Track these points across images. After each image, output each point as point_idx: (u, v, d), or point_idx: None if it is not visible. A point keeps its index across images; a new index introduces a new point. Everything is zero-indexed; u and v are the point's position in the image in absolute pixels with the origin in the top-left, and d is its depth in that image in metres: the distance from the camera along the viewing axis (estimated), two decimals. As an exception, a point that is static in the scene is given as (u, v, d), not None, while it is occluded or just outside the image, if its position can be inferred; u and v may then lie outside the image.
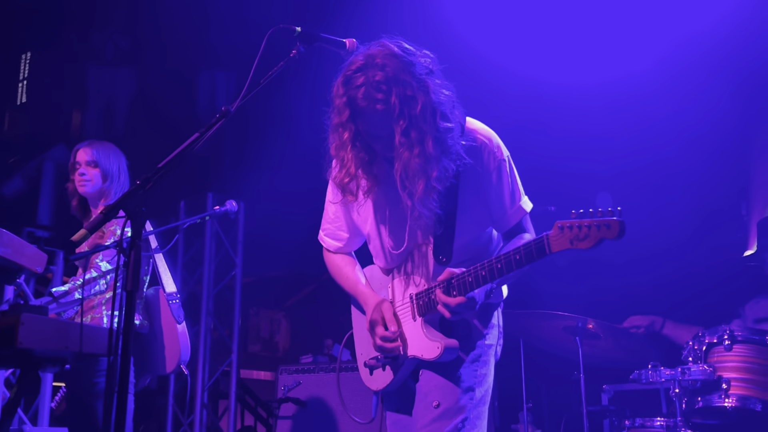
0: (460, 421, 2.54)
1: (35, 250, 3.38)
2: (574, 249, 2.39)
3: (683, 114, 5.15)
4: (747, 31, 5.03)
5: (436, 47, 2.67)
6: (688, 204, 4.93)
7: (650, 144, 5.12)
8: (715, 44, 5.10)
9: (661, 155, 5.07)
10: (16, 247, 3.29)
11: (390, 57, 2.49)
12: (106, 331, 3.29)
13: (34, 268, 3.40)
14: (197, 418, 5.38)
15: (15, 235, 3.32)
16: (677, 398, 3.49)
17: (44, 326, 3.12)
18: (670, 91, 5.19)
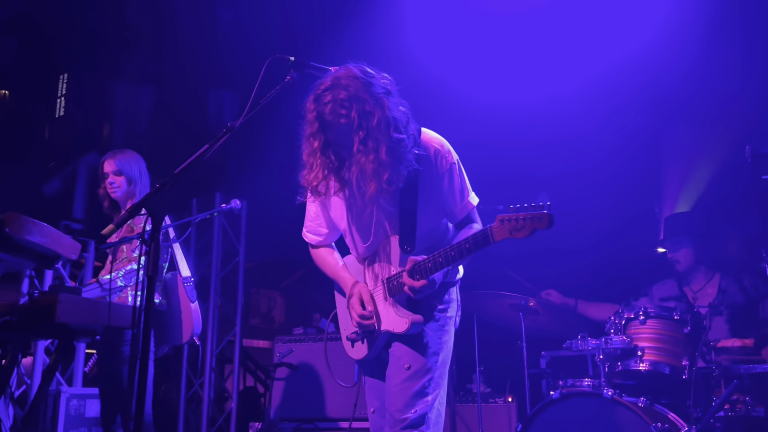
0: (427, 380, 2.56)
1: (71, 240, 3.36)
2: (512, 238, 2.42)
3: (607, 128, 5.17)
4: (659, 61, 5.06)
5: (397, 71, 2.68)
6: (611, 203, 4.95)
7: (580, 153, 5.13)
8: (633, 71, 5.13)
9: (588, 162, 5.08)
10: (54, 237, 3.26)
11: (353, 79, 2.50)
12: (130, 308, 3.29)
13: (70, 255, 3.38)
14: (207, 380, 5.37)
15: (53, 228, 3.29)
16: (601, 363, 3.52)
17: (78, 304, 3.11)
18: (597, 109, 5.20)
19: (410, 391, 2.54)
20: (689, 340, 3.54)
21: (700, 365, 3.51)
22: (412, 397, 2.54)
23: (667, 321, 3.55)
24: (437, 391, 2.58)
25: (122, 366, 3.44)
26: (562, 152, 5.10)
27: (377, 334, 2.67)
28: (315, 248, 2.91)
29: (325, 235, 2.87)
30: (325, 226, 2.85)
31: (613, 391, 3.21)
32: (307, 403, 4.76)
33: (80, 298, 3.15)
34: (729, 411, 3.34)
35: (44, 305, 3.06)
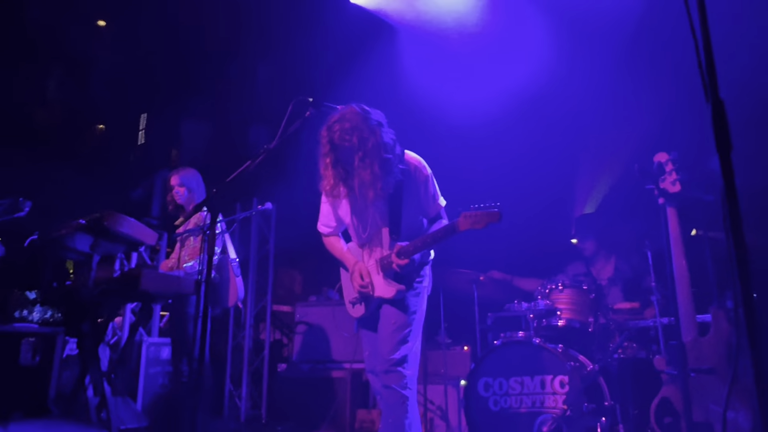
0: (408, 332, 2.60)
1: (150, 231, 3.36)
2: (473, 229, 2.45)
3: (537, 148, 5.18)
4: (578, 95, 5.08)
5: (386, 106, 2.72)
6: (539, 206, 4.95)
7: (518, 167, 5.10)
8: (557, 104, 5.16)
9: (523, 175, 5.06)
10: (138, 229, 3.27)
11: (354, 114, 2.55)
12: (193, 280, 3.29)
13: (149, 242, 3.40)
14: (247, 334, 5.36)
15: (138, 222, 3.30)
16: (531, 320, 3.56)
17: (156, 277, 3.14)
18: (531, 131, 5.22)
19: (396, 339, 2.58)
20: (593, 303, 3.60)
21: (601, 321, 3.56)
22: (397, 343, 2.57)
23: (578, 290, 3.61)
24: (415, 340, 2.63)
25: (187, 323, 3.44)
26: (506, 166, 5.07)
27: (372, 299, 2.69)
28: (326, 237, 2.92)
29: (334, 227, 2.89)
30: (334, 220, 2.87)
31: (539, 339, 3.25)
32: (319, 350, 4.77)
33: (157, 272, 3.17)
34: (621, 354, 3.37)
35: (131, 278, 3.09)
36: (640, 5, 4.57)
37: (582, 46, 5.07)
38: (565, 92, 5.09)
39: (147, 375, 4.32)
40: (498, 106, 5.25)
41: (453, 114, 5.20)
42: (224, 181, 2.42)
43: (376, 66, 5.87)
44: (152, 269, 3.24)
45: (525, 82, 5.21)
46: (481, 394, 3.24)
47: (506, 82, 5.32)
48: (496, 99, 5.27)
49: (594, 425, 2.94)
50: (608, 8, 4.77)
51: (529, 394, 3.12)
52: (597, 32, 4.94)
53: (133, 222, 3.27)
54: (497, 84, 5.35)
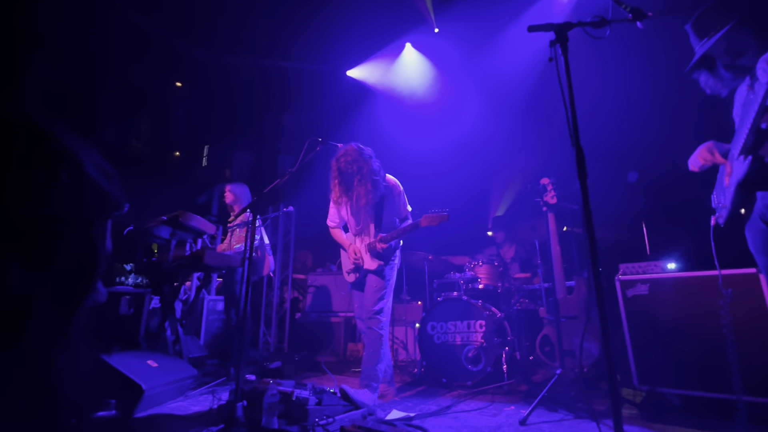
0: (384, 292, 2.61)
1: (210, 224, 3.30)
2: (430, 226, 2.47)
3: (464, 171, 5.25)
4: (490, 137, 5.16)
5: (370, 144, 2.72)
6: (469, 209, 5.00)
7: (455, 183, 5.14)
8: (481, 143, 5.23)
9: (459, 188, 5.09)
10: (202, 223, 3.20)
11: (353, 150, 2.55)
12: (240, 257, 3.24)
13: (210, 232, 3.32)
14: (275, 294, 5.28)
15: (202, 218, 3.23)
16: (461, 285, 3.56)
17: (214, 255, 3.07)
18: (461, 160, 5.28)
19: (376, 297, 2.59)
20: (501, 274, 3.61)
21: (506, 285, 3.59)
22: (377, 299, 2.58)
23: (491, 265, 3.62)
24: (388, 298, 2.63)
25: (235, 285, 3.40)
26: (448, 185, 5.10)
27: (362, 269, 2.69)
28: (332, 228, 2.92)
29: (337, 222, 2.89)
30: (338, 218, 2.87)
31: (467, 297, 3.24)
32: (324, 303, 4.75)
33: (215, 252, 3.09)
34: (518, 306, 3.38)
35: (197, 256, 3.02)
36: (532, 81, 4.67)
37: (496, 107, 5.16)
38: (486, 137, 5.17)
39: (207, 321, 4.23)
40: (444, 146, 5.31)
41: (415, 151, 5.22)
42: (262, 192, 2.40)
43: (363, 117, 5.88)
44: (212, 250, 3.16)
45: (461, 132, 5.28)
46: (429, 333, 3.23)
47: (449, 131, 5.39)
48: (443, 142, 5.34)
49: (501, 352, 2.95)
50: (513, 82, 4.88)
51: (460, 332, 3.12)
52: (506, 98, 5.03)
53: (198, 218, 3.20)
54: (443, 133, 5.42)
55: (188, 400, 2.56)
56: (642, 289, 2.37)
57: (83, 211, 0.51)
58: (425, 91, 5.75)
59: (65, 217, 0.47)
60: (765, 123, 1.40)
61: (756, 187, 1.45)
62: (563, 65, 1.33)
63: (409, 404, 2.50)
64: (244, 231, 3.46)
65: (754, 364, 1.93)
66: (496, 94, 5.13)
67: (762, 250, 1.49)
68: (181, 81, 7.63)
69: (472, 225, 4.92)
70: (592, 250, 1.26)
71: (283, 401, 1.99)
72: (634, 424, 2.01)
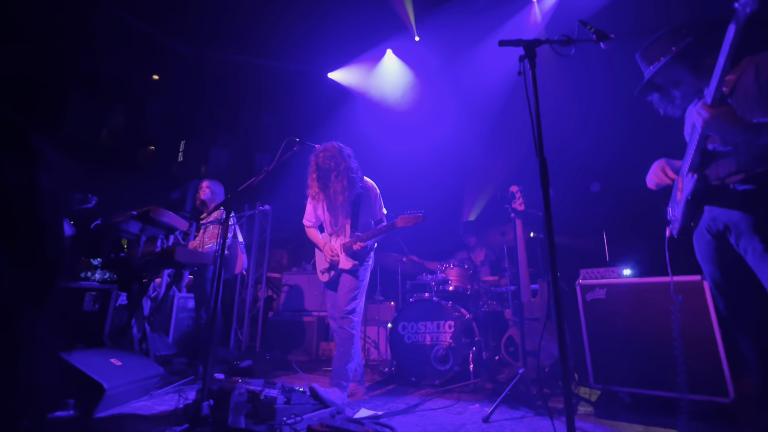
0: (357, 292, 2.59)
1: (183, 220, 3.19)
2: (405, 226, 2.48)
3: (440, 177, 5.30)
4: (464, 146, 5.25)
5: (353, 145, 2.71)
6: (443, 213, 5.04)
7: (430, 188, 5.19)
8: (457, 151, 5.30)
9: (433, 193, 5.14)
10: (174, 219, 3.09)
11: (333, 147, 2.53)
12: (211, 254, 3.15)
13: (182, 228, 3.21)
14: (249, 292, 5.15)
15: (174, 214, 3.12)
16: (433, 287, 3.59)
17: (185, 251, 2.96)
18: (435, 166, 5.33)
19: (349, 297, 2.56)
20: (471, 276, 3.63)
21: (475, 287, 3.61)
22: (350, 299, 2.56)
23: (461, 268, 3.64)
24: (361, 298, 2.62)
25: (206, 283, 3.30)
26: (423, 190, 5.14)
27: (336, 270, 2.66)
28: (308, 228, 2.88)
29: (313, 222, 2.85)
30: (314, 217, 2.83)
31: (437, 298, 3.25)
32: (298, 302, 4.67)
33: (187, 248, 2.99)
34: (486, 308, 3.42)
35: (168, 252, 2.90)
36: (506, 93, 4.79)
37: (472, 116, 5.25)
38: (461, 145, 5.25)
39: (177, 319, 4.09)
40: (420, 152, 5.36)
41: (392, 155, 5.24)
42: (236, 190, 2.34)
43: (342, 120, 5.85)
44: (183, 247, 3.06)
45: (437, 138, 5.34)
46: (400, 333, 3.23)
47: (426, 138, 5.44)
48: (419, 148, 5.39)
49: (468, 352, 2.98)
50: (488, 92, 4.98)
51: (430, 332, 3.12)
52: (481, 108, 5.12)
53: (171, 214, 3.09)
54: (420, 139, 5.47)
55: (153, 400, 2.46)
56: (600, 294, 2.46)
57: (57, 211, 0.50)
58: (404, 97, 5.79)
59: (44, 218, 0.47)
60: (711, 144, 1.49)
61: (703, 201, 1.53)
62: (531, 79, 1.37)
63: (378, 403, 2.49)
64: (217, 228, 3.36)
65: (697, 364, 2.04)
66: (472, 103, 5.22)
67: (707, 259, 1.58)
68: (158, 74, 7.36)
69: (445, 229, 4.97)
70: (551, 255, 1.30)
71: (250, 400, 1.94)
72: (587, 421, 2.08)
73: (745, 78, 1.40)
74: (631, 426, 1.98)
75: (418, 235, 4.58)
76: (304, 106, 6.23)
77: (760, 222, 1.34)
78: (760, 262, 1.33)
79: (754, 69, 1.38)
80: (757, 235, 1.33)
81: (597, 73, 4.12)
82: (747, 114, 1.35)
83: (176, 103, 7.29)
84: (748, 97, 1.38)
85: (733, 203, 1.41)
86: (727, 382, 1.97)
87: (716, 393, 1.99)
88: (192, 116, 7.34)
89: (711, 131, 1.35)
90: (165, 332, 3.97)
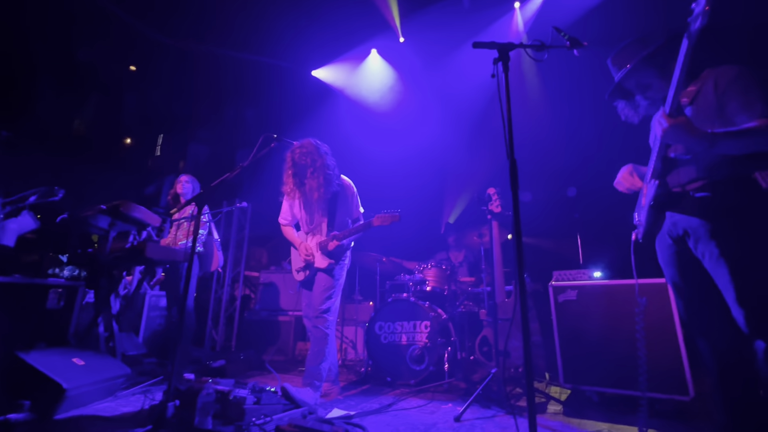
0: (332, 291, 2.57)
1: (156, 216, 3.10)
2: (382, 225, 2.47)
3: (422, 180, 5.32)
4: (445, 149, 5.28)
5: (335, 144, 2.69)
6: (423, 215, 5.07)
7: (410, 190, 5.20)
8: (437, 154, 5.32)
9: (413, 195, 5.16)
10: (146, 214, 3.00)
11: (310, 144, 2.51)
12: (183, 251, 3.07)
13: (155, 224, 3.12)
14: (225, 291, 5.05)
15: (147, 209, 3.03)
16: (411, 287, 3.58)
17: (157, 248, 2.87)
18: (416, 168, 5.35)
19: (324, 296, 2.54)
20: (449, 277, 3.65)
21: (453, 288, 3.63)
22: (325, 299, 2.54)
23: (439, 269, 3.65)
24: (336, 297, 2.59)
25: (179, 281, 3.21)
26: (403, 192, 5.15)
27: (312, 268, 2.64)
28: (284, 226, 2.84)
29: (289, 220, 2.81)
30: (290, 215, 2.80)
31: (414, 298, 3.26)
32: (275, 301, 4.60)
33: (158, 245, 2.90)
34: (462, 308, 3.44)
35: (139, 248, 2.82)
36: (487, 97, 4.85)
37: (454, 118, 5.29)
38: (442, 147, 5.29)
39: (148, 317, 3.97)
40: (402, 153, 5.37)
41: (374, 156, 5.24)
42: (209, 185, 2.28)
43: (325, 118, 5.81)
44: (155, 243, 2.96)
45: (419, 140, 5.36)
46: (377, 333, 3.21)
47: (407, 139, 5.45)
48: (401, 149, 5.40)
49: (443, 352, 2.99)
50: (470, 96, 5.03)
51: (406, 332, 3.12)
52: (463, 111, 5.18)
53: (143, 209, 2.99)
54: (402, 139, 5.48)
55: (118, 401, 2.37)
56: (571, 295, 2.52)
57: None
58: (387, 98, 5.79)
59: None
60: (672, 152, 1.55)
61: (665, 207, 1.58)
62: (504, 82, 1.39)
63: (351, 403, 2.48)
64: (192, 225, 3.28)
65: (660, 364, 2.11)
66: (455, 106, 5.27)
67: (668, 263, 1.63)
68: (137, 65, 7.15)
69: (425, 230, 5.00)
70: (518, 254, 1.32)
71: (219, 401, 1.90)
72: (556, 419, 2.12)
73: (705, 90, 1.46)
74: (597, 424, 2.03)
75: (398, 235, 4.60)
76: (287, 103, 6.16)
77: (716, 228, 1.39)
78: (715, 266, 1.38)
79: (713, 81, 1.44)
80: (714, 240, 1.38)
81: (578, 84, 4.21)
82: (706, 124, 1.41)
83: (155, 96, 7.10)
84: (707, 108, 1.44)
85: (692, 210, 1.46)
86: (688, 381, 2.05)
87: (677, 392, 2.06)
88: (171, 110, 7.16)
89: (669, 140, 1.40)
90: (135, 331, 3.85)
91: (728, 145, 1.32)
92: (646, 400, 1.82)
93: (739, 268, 1.33)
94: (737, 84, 1.38)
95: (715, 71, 1.47)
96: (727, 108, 1.40)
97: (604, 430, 1.93)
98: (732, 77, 1.40)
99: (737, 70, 1.41)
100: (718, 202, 1.40)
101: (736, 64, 1.43)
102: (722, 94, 1.41)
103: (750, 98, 1.34)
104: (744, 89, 1.36)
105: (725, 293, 1.36)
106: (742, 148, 1.33)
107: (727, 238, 1.36)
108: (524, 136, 4.44)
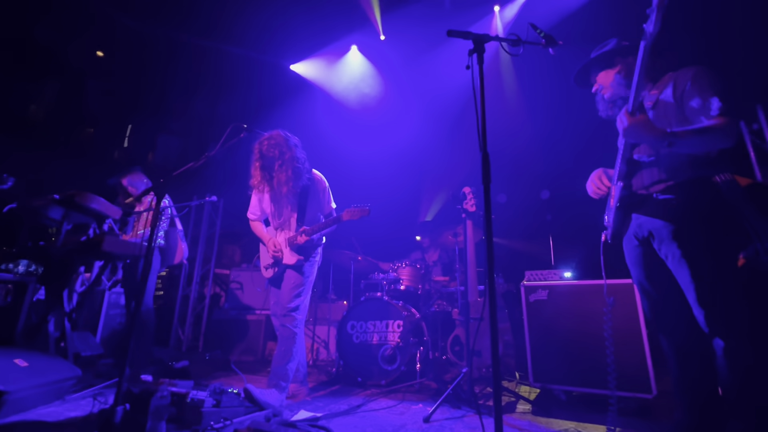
0: (302, 289, 2.49)
1: (116, 208, 2.92)
2: (352, 220, 2.42)
3: (400, 179, 5.30)
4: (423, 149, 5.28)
5: (311, 140, 2.62)
6: (398, 214, 5.04)
7: (385, 188, 5.17)
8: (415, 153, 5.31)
9: (388, 192, 5.14)
10: (106, 206, 2.82)
11: (278, 135, 2.43)
12: (141, 244, 2.90)
13: (115, 216, 2.94)
14: (193, 289, 4.87)
15: (107, 201, 2.85)
16: (384, 286, 3.54)
17: (115, 241, 2.71)
18: (392, 166, 5.32)
19: (293, 294, 2.46)
20: (423, 276, 3.62)
21: (426, 287, 3.61)
22: (293, 296, 2.46)
23: (414, 268, 3.62)
24: (306, 295, 2.52)
25: (137, 276, 3.03)
26: (377, 190, 5.09)
27: (280, 264, 2.55)
28: (253, 221, 2.75)
29: (258, 215, 2.72)
30: (259, 210, 2.70)
31: (389, 297, 3.21)
32: (243, 300, 4.46)
33: (117, 238, 2.74)
34: (435, 308, 3.43)
35: (96, 241, 2.65)
36: (466, 96, 4.87)
37: (432, 117, 5.29)
38: (420, 146, 5.28)
39: (107, 316, 3.74)
40: (378, 151, 5.33)
41: (350, 153, 5.17)
42: (171, 175, 2.15)
43: (301, 113, 5.70)
44: (114, 236, 2.79)
45: (396, 138, 5.33)
46: (348, 332, 3.16)
47: (385, 136, 5.42)
48: (378, 147, 5.36)
49: (416, 352, 2.96)
50: (449, 95, 5.04)
51: (378, 332, 3.07)
52: (441, 110, 5.19)
53: (101, 200, 2.81)
54: (379, 137, 5.44)
55: (66, 405, 2.21)
56: (542, 295, 2.53)
57: None
58: (366, 95, 5.74)
59: None
60: (637, 154, 1.57)
61: (630, 209, 1.60)
62: (478, 73, 1.36)
63: (319, 404, 2.40)
64: (151, 215, 3.12)
65: (627, 364, 2.15)
66: (433, 105, 5.27)
67: (634, 263, 1.65)
68: (103, 50, 6.79)
69: (401, 228, 4.97)
70: (488, 250, 1.29)
71: (174, 403, 1.78)
72: (524, 419, 2.12)
73: (666, 92, 1.49)
74: (564, 423, 2.03)
75: (373, 233, 4.54)
76: (264, 96, 6.00)
77: (678, 230, 1.41)
78: (678, 267, 1.40)
79: (673, 83, 1.47)
80: (676, 242, 1.40)
81: (552, 92, 4.29)
82: (666, 126, 1.43)
83: (124, 84, 6.77)
84: (668, 110, 1.46)
85: (656, 212, 1.48)
86: (651, 380, 2.09)
87: (641, 390, 2.10)
88: (140, 99, 6.84)
89: (630, 138, 1.41)
90: (93, 331, 3.62)
91: (687, 143, 1.34)
92: (616, 399, 1.84)
93: (699, 269, 1.35)
94: (695, 84, 1.41)
95: (676, 74, 1.50)
96: (686, 109, 1.43)
97: (570, 429, 1.94)
98: (690, 78, 1.43)
99: (694, 70, 1.44)
100: (681, 205, 1.42)
101: (694, 65, 1.47)
102: (681, 95, 1.44)
103: (706, 97, 1.37)
104: (700, 89, 1.40)
105: (687, 293, 1.38)
106: (700, 146, 1.36)
107: (688, 240, 1.39)
108: (501, 142, 4.49)
